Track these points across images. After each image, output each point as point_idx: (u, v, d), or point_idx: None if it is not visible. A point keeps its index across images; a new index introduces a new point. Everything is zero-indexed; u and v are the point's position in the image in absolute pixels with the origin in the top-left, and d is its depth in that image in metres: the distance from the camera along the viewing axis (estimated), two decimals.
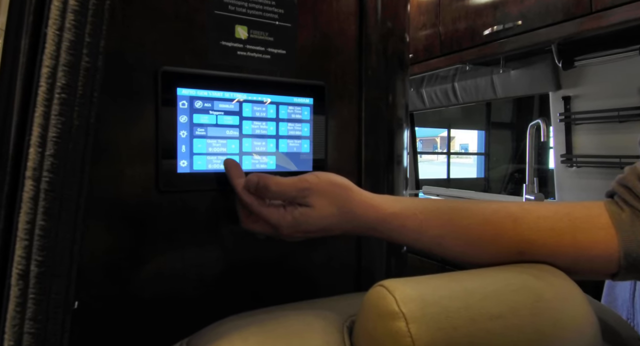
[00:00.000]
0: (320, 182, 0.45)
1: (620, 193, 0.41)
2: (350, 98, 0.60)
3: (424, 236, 0.43)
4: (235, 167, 0.48)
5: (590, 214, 0.41)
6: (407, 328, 0.31)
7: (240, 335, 0.36)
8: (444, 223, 0.43)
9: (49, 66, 0.31)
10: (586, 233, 0.40)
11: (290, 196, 0.45)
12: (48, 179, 0.31)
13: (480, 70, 2.11)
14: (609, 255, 0.39)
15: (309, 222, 0.45)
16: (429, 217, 0.43)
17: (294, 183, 0.45)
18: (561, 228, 0.40)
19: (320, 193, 0.44)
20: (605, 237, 0.39)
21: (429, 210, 0.44)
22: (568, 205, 0.42)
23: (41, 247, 0.31)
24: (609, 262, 0.39)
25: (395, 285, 0.34)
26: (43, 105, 0.31)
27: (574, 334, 0.35)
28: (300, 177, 0.45)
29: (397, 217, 0.44)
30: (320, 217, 0.45)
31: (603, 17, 1.24)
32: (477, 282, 0.36)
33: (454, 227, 0.43)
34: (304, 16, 0.56)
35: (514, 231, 0.41)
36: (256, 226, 0.48)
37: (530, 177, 1.90)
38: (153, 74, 0.47)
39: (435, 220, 0.43)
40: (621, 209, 0.40)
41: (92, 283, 0.46)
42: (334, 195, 0.44)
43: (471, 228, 0.42)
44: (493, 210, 0.43)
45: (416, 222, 0.43)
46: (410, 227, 0.44)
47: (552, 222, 0.41)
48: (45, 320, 0.31)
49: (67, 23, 0.31)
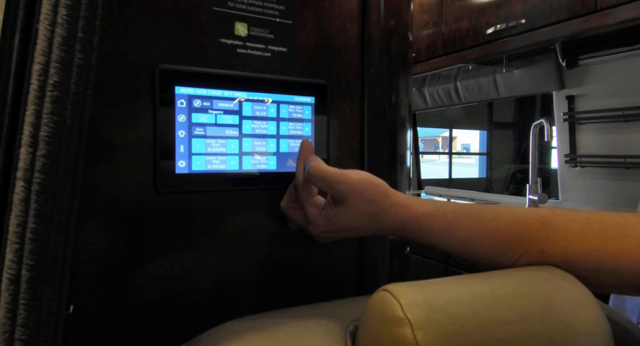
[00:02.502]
0: (361, 180, 0.45)
1: None
2: (352, 97, 0.59)
3: (452, 236, 0.43)
4: (307, 149, 0.49)
5: (624, 223, 0.39)
6: (413, 335, 0.30)
7: (239, 341, 0.35)
8: (473, 223, 0.43)
9: (41, 63, 0.30)
10: (616, 241, 0.38)
11: (326, 186, 0.45)
12: (39, 180, 0.30)
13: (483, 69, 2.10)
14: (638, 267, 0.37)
15: (341, 221, 0.46)
16: (459, 217, 0.43)
17: (335, 174, 0.44)
18: (590, 233, 0.39)
19: (358, 192, 0.44)
20: (638, 247, 0.37)
21: (459, 211, 0.44)
22: (602, 212, 0.41)
23: (32, 250, 0.30)
24: (638, 274, 0.37)
25: (400, 290, 0.32)
26: (35, 103, 0.30)
27: (586, 340, 0.34)
28: (342, 171, 0.45)
29: (427, 217, 0.44)
30: (353, 216, 0.45)
31: (608, 15, 1.23)
32: (485, 286, 0.34)
33: (483, 227, 0.42)
34: (305, 13, 0.54)
35: (540, 231, 0.40)
36: (294, 213, 0.50)
37: (534, 177, 1.89)
38: (150, 72, 0.46)
39: (465, 220, 0.43)
40: None
41: (88, 286, 0.45)
42: (371, 195, 0.44)
43: (499, 228, 0.42)
44: (524, 212, 0.43)
45: (445, 222, 0.43)
46: (439, 226, 0.43)
47: (581, 226, 0.39)
48: (37, 326, 0.30)
49: (59, 18, 0.30)
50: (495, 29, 1.57)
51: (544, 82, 1.85)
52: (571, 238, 0.39)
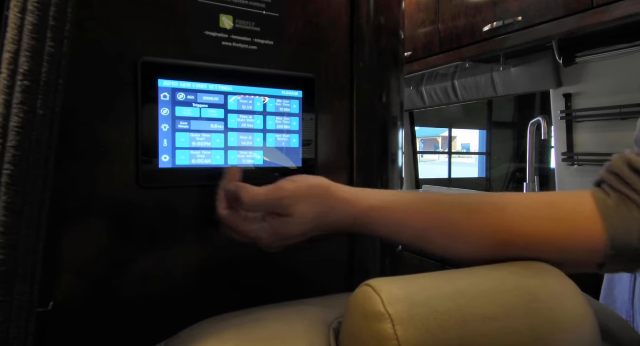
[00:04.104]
0: (298, 188, 0.43)
1: (608, 180, 0.40)
2: (341, 92, 0.58)
3: (406, 229, 0.42)
4: (233, 177, 0.46)
5: (574, 202, 0.40)
6: (394, 330, 0.29)
7: (218, 338, 0.34)
8: (427, 215, 0.42)
9: (11, 51, 0.29)
10: (569, 222, 0.39)
11: (268, 208, 0.43)
12: (10, 172, 0.29)
13: (480, 67, 2.09)
14: (594, 244, 0.38)
15: (290, 230, 0.43)
16: (412, 209, 0.42)
17: (271, 193, 0.42)
18: (544, 217, 0.39)
19: (300, 200, 0.42)
20: (589, 224, 0.38)
21: (412, 203, 0.42)
22: (553, 194, 0.42)
23: (3, 244, 0.29)
24: (595, 251, 0.38)
25: (382, 285, 0.32)
26: (4, 93, 0.29)
27: (572, 335, 0.33)
28: (276, 186, 0.43)
29: (376, 210, 0.42)
30: (301, 223, 0.43)
31: (605, 12, 1.22)
32: (468, 281, 0.33)
33: (439, 219, 0.41)
34: (293, 6, 0.54)
35: (500, 220, 0.40)
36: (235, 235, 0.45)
37: (531, 176, 1.88)
38: (133, 64, 0.45)
39: (419, 213, 0.42)
40: (608, 195, 0.39)
41: (68, 283, 0.44)
42: (314, 198, 0.43)
43: (458, 220, 0.41)
44: (478, 201, 0.42)
45: (397, 215, 0.42)
46: (390, 219, 0.42)
47: (535, 211, 0.40)
48: (8, 322, 0.30)
49: (29, 5, 0.29)
50: (492, 27, 1.56)
51: (542, 80, 1.84)
52: (528, 225, 0.39)
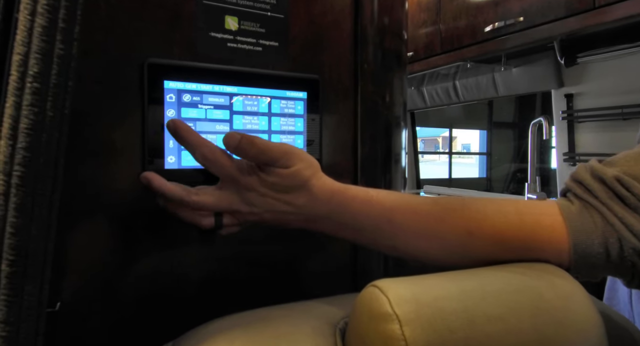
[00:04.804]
0: (300, 150, 0.44)
1: (572, 188, 0.42)
2: (345, 93, 0.58)
3: (374, 208, 0.43)
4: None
5: (540, 205, 0.42)
6: (401, 331, 0.29)
7: (225, 337, 0.34)
8: (395, 198, 0.44)
9: (21, 53, 0.29)
10: (532, 217, 0.40)
11: (275, 156, 0.42)
12: (20, 173, 0.29)
13: (481, 68, 2.09)
14: (559, 244, 0.39)
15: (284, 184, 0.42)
16: (381, 192, 0.44)
17: (278, 145, 0.43)
18: (508, 212, 0.41)
19: (301, 157, 0.43)
20: (553, 223, 0.40)
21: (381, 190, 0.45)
22: (518, 199, 0.44)
23: (13, 245, 0.29)
24: (561, 253, 0.39)
25: (389, 285, 0.32)
26: (14, 95, 0.29)
27: (578, 335, 0.33)
28: (280, 142, 0.44)
29: (350, 190, 0.44)
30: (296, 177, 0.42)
31: (606, 13, 1.22)
32: (475, 282, 0.34)
33: (404, 201, 0.43)
34: (297, 7, 0.54)
35: (462, 211, 0.42)
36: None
37: (532, 176, 1.88)
38: (139, 66, 0.45)
39: (387, 194, 0.44)
40: (571, 202, 0.41)
41: (75, 283, 0.44)
42: (311, 161, 0.44)
43: (421, 204, 0.43)
44: (443, 197, 0.45)
45: (367, 194, 0.44)
46: (360, 198, 0.43)
47: (498, 205, 0.42)
48: (18, 322, 0.30)
49: (39, 7, 0.29)
50: (494, 27, 1.56)
51: (543, 81, 1.84)
52: (492, 217, 0.41)
